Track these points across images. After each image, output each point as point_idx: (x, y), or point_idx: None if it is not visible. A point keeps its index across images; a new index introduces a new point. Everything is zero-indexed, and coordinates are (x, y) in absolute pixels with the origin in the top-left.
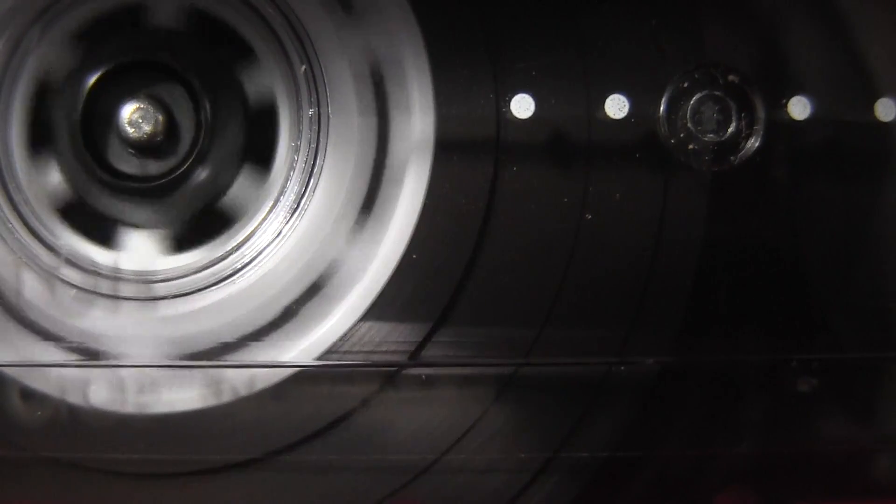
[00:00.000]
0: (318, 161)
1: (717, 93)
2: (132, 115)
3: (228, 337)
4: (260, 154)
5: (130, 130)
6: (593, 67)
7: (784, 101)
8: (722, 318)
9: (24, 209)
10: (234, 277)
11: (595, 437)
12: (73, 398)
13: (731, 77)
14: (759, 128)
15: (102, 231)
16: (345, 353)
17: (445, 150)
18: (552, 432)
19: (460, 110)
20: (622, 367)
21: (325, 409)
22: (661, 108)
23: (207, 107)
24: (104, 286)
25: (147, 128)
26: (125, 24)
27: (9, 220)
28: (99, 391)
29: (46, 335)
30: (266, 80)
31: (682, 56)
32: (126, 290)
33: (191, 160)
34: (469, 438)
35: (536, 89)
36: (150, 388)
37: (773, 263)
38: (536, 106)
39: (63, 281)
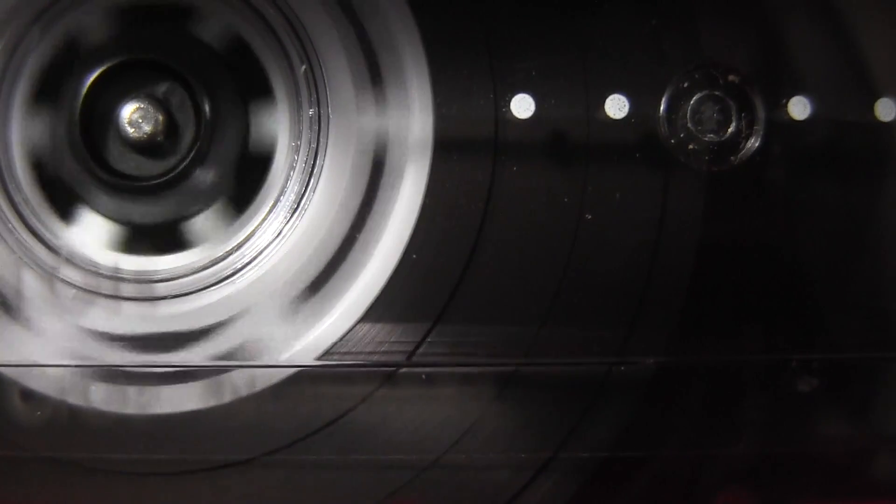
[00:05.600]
0: (318, 161)
1: (717, 93)
2: (132, 115)
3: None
4: (260, 154)
5: (130, 130)
6: (593, 67)
7: (784, 101)
8: (722, 318)
9: (24, 209)
10: (234, 277)
11: (595, 436)
12: (73, 398)
13: (731, 77)
14: (759, 128)
15: (102, 230)
16: (344, 353)
17: (445, 150)
18: (552, 432)
19: (460, 110)
20: (622, 367)
21: (325, 409)
22: (661, 108)
23: (207, 107)
24: (104, 286)
25: (147, 128)
26: (126, 23)
27: (9, 220)
28: (99, 391)
29: (46, 335)
30: (266, 81)
31: (682, 56)
32: (126, 289)
33: (190, 160)
34: (468, 438)
35: (536, 89)
36: (150, 388)
37: (772, 263)
38: (536, 106)
39: (63, 281)
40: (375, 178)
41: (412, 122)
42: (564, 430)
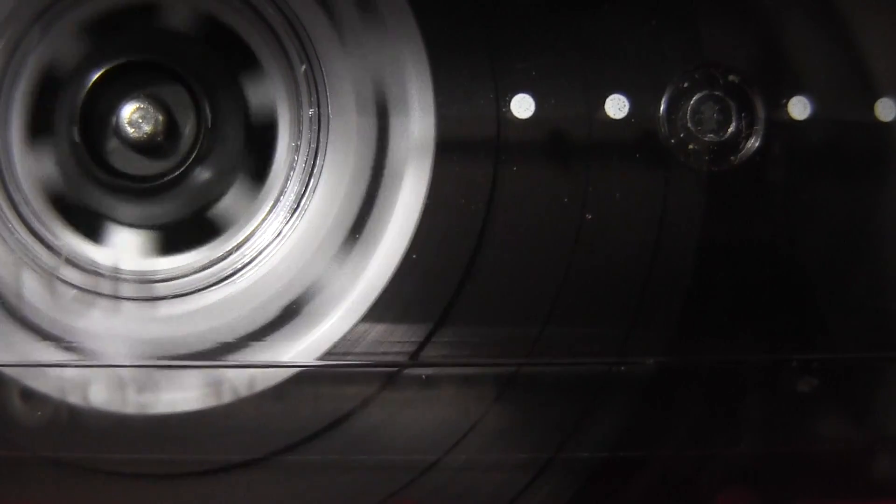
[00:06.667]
0: (318, 161)
1: (717, 93)
2: (132, 115)
3: (228, 337)
4: (260, 154)
5: (130, 130)
6: (593, 67)
7: (784, 101)
8: (722, 318)
9: (24, 209)
10: (234, 277)
11: (595, 436)
12: (73, 398)
13: (731, 77)
14: (759, 128)
15: (101, 231)
16: (345, 353)
17: (445, 150)
18: (552, 432)
19: (460, 110)
20: (622, 367)
21: (326, 410)
22: (661, 108)
23: (207, 107)
24: (104, 286)
25: (147, 128)
26: (126, 23)
27: (9, 220)
28: (99, 391)
29: (46, 335)
30: (266, 81)
31: (682, 56)
32: (126, 290)
33: (190, 160)
34: (469, 439)
35: (536, 89)
36: (150, 388)
37: (772, 263)
38: (536, 106)
39: (63, 281)
40: (376, 178)
41: (413, 122)
42: (565, 430)
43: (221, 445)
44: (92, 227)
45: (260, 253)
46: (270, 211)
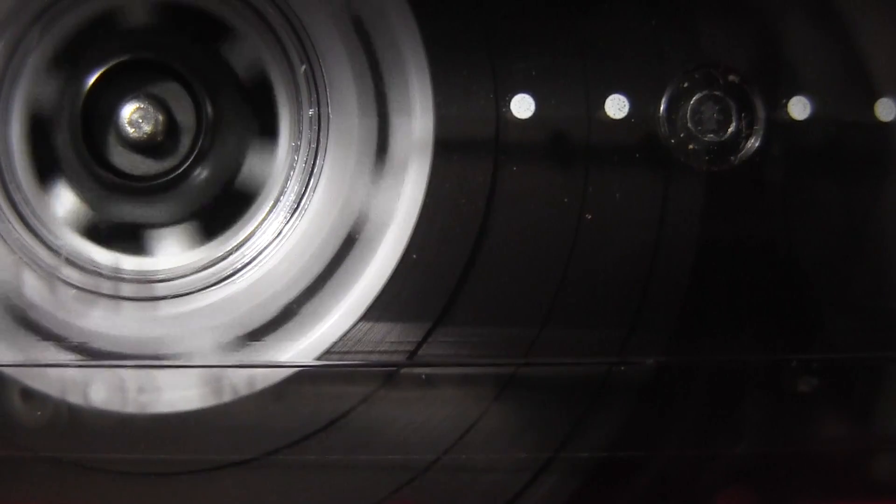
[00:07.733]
0: (318, 161)
1: (717, 93)
2: (132, 115)
3: (228, 337)
4: (260, 154)
5: (130, 130)
6: (593, 67)
7: (784, 101)
8: (722, 318)
9: (24, 209)
10: (234, 277)
11: (595, 436)
12: (74, 398)
13: (731, 77)
14: (759, 128)
15: (102, 231)
16: (345, 352)
17: (445, 150)
18: (552, 432)
19: (460, 110)
20: (622, 367)
21: (325, 409)
22: (661, 108)
23: (208, 106)
24: (105, 286)
25: (147, 128)
26: (126, 23)
27: (9, 220)
28: (99, 391)
29: (46, 335)
30: (267, 81)
31: (682, 56)
32: (126, 289)
33: (191, 160)
34: (469, 438)
35: (536, 89)
36: (150, 388)
37: (772, 263)
38: (536, 106)
39: (63, 281)
40: (376, 178)
41: (412, 122)
42: (564, 430)
43: (221, 444)
44: (93, 228)
45: (260, 253)
46: (270, 211)
